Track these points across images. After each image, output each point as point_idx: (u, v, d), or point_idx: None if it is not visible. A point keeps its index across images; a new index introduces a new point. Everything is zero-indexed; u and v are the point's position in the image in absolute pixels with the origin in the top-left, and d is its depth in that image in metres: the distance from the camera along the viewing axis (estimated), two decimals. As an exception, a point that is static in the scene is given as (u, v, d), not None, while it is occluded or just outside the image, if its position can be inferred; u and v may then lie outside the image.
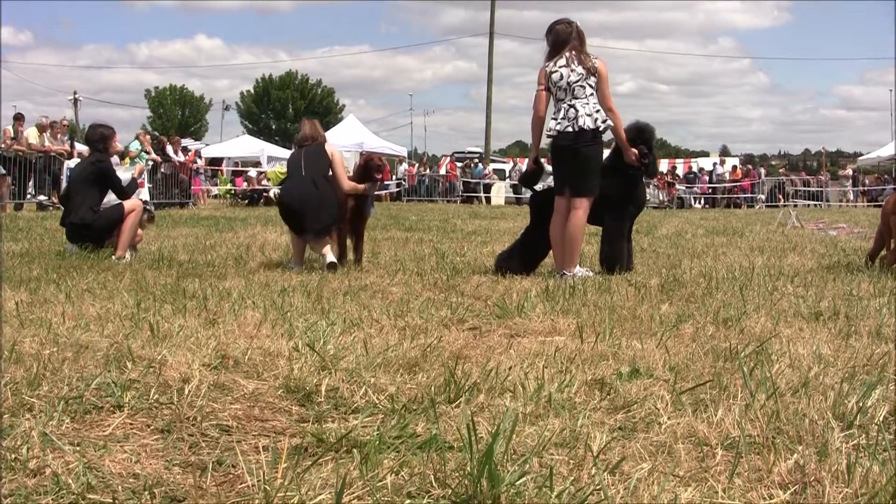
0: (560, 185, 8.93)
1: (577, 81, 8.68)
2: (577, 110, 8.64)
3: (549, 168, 9.38)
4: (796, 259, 10.90)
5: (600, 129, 8.64)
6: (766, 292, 7.37)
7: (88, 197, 10.52)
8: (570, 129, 8.65)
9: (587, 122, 8.59)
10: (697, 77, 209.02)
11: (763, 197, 44.33)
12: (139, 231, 10.78)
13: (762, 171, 49.92)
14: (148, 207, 11.24)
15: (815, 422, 3.37)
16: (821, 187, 46.52)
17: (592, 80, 8.69)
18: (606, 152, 9.50)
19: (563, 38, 8.84)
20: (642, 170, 9.36)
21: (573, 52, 8.77)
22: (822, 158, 67.87)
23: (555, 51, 8.88)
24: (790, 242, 14.14)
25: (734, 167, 51.13)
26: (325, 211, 9.31)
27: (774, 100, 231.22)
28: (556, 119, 8.81)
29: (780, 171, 53.41)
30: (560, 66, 8.79)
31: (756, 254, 11.71)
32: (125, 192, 10.89)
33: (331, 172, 9.57)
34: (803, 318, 6.02)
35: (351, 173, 10.29)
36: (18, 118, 25.37)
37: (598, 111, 8.63)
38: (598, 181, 8.80)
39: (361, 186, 9.69)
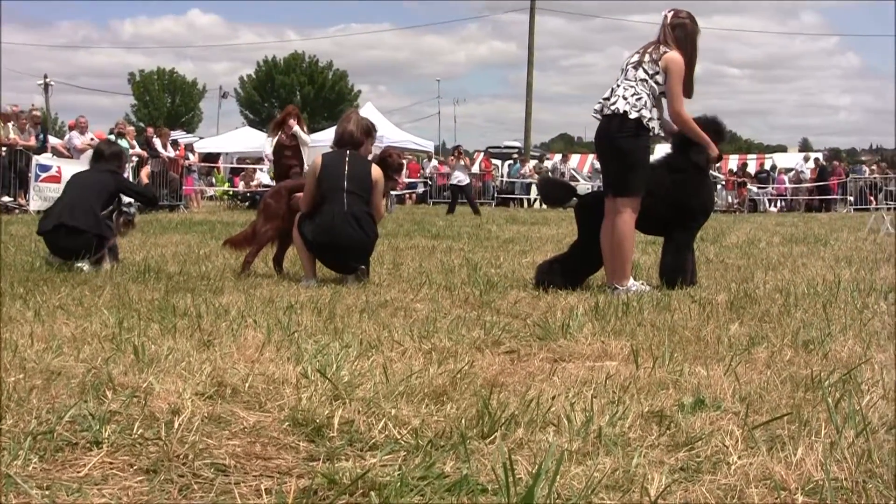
0: (605, 184, 8.89)
1: (632, 62, 8.67)
2: (615, 92, 8.63)
3: (582, 185, 9.33)
4: (891, 272, 10.82)
5: (630, 115, 8.46)
6: (855, 311, 7.32)
7: (94, 203, 10.44)
8: (605, 110, 8.65)
9: (619, 106, 8.51)
10: (775, 59, 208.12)
11: (851, 199, 44.10)
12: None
13: (865, 168, 49.27)
14: (126, 209, 11.04)
15: (914, 463, 3.35)
16: (921, 187, 46.18)
17: (652, 70, 8.59)
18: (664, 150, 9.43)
19: (660, 28, 8.84)
20: (709, 170, 9.31)
21: (656, 41, 8.77)
22: (923, 153, 67.35)
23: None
24: (883, 252, 14.04)
25: (816, 161, 50.91)
26: (369, 250, 9.48)
27: (866, 84, 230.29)
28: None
29: (872, 167, 52.89)
30: (636, 51, 8.84)
31: (843, 265, 11.64)
32: (152, 195, 11.03)
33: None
34: (899, 340, 5.98)
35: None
36: (-20, 108, 25.18)
37: (638, 99, 8.52)
38: (643, 178, 8.67)
39: (382, 212, 9.73)
